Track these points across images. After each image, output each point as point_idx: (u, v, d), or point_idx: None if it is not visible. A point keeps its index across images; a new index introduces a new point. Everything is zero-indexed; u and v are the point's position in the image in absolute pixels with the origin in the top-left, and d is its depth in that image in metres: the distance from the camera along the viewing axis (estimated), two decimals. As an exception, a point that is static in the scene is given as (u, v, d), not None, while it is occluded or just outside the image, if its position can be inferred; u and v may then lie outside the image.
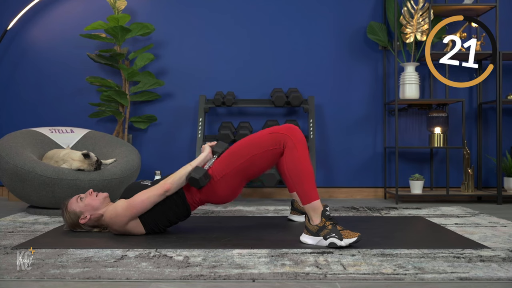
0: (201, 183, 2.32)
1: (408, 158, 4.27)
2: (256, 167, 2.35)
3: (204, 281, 1.67)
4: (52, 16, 4.28)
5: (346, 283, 1.66)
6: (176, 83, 4.27)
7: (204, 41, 4.28)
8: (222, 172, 2.35)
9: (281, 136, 2.30)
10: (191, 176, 2.32)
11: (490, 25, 4.00)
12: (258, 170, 2.37)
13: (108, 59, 3.96)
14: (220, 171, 2.36)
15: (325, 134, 4.27)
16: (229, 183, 2.37)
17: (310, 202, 2.20)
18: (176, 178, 2.34)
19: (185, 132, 4.27)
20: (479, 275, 1.71)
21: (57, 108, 4.27)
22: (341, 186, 4.27)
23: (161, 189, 2.32)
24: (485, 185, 4.24)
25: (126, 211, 2.32)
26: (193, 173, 2.32)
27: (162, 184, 2.34)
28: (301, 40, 4.27)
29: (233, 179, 2.36)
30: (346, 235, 2.13)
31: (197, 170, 2.33)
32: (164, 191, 2.32)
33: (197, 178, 2.30)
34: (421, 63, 4.11)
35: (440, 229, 2.65)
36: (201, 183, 2.32)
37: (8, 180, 3.14)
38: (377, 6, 4.27)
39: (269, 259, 1.95)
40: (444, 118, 3.99)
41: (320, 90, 4.25)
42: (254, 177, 2.42)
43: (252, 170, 2.36)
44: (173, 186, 2.33)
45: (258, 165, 2.34)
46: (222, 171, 2.36)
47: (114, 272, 1.75)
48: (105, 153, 3.53)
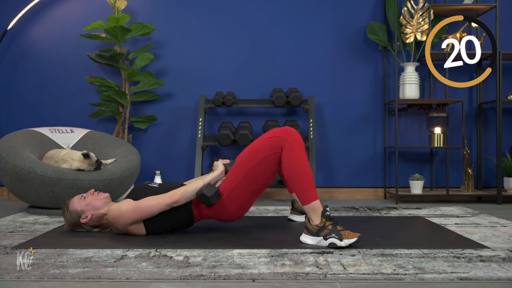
0: (212, 201, 2.30)
1: (408, 158, 4.27)
2: (261, 174, 2.33)
3: (204, 281, 1.67)
4: (52, 16, 4.28)
5: (346, 283, 1.66)
6: (176, 83, 4.27)
7: (204, 41, 4.28)
8: (229, 188, 2.34)
9: (279, 140, 2.29)
10: (202, 193, 2.29)
11: (490, 25, 4.00)
12: (264, 177, 2.35)
13: (108, 59, 3.96)
14: (227, 187, 2.35)
15: (325, 134, 4.27)
16: (237, 198, 2.36)
17: (310, 203, 2.20)
18: (187, 191, 2.33)
19: (185, 132, 4.27)
20: (479, 275, 1.71)
21: (57, 108, 4.27)
22: (341, 186, 4.27)
23: (169, 199, 2.31)
24: (485, 185, 4.24)
25: (132, 213, 2.32)
26: (204, 190, 2.29)
27: (171, 194, 2.33)
28: (301, 40, 4.27)
29: (240, 193, 2.35)
30: (346, 235, 2.13)
31: (209, 188, 2.30)
32: (172, 202, 2.31)
33: (208, 196, 2.28)
34: (421, 63, 4.11)
35: (440, 229, 2.65)
36: (212, 201, 2.30)
37: (8, 180, 3.14)
38: (377, 6, 4.27)
39: (269, 259, 1.94)
40: (444, 118, 3.99)
41: (320, 90, 4.25)
42: (262, 188, 2.39)
43: (258, 179, 2.34)
44: (182, 199, 2.32)
45: (263, 173, 2.33)
46: (229, 187, 2.34)
47: (114, 272, 1.75)
48: (105, 153, 3.53)
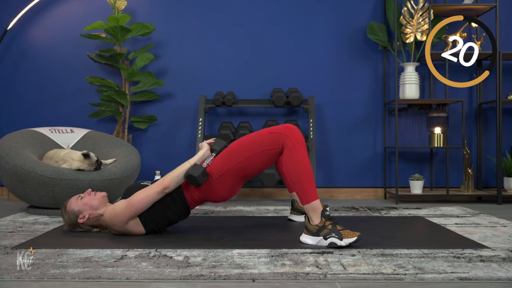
0: (199, 180, 2.31)
1: (408, 158, 4.27)
2: (254, 166, 2.35)
3: (204, 281, 1.67)
4: (52, 16, 4.28)
5: (346, 283, 1.66)
6: (176, 83, 4.27)
7: (204, 41, 4.28)
8: (220, 171, 2.35)
9: (281, 136, 2.30)
10: (189, 174, 2.31)
11: (490, 25, 4.00)
12: (256, 169, 2.37)
13: (108, 59, 3.96)
14: (218, 169, 2.36)
15: (325, 134, 4.27)
16: (227, 182, 2.37)
17: (310, 202, 2.20)
18: (174, 175, 2.34)
19: (185, 132, 4.27)
20: (479, 275, 1.71)
21: (57, 108, 4.27)
22: (341, 186, 4.27)
23: (159, 186, 2.32)
24: (485, 185, 4.24)
25: (126, 210, 2.32)
26: (191, 171, 2.31)
27: (160, 181, 2.34)
28: (301, 40, 4.27)
29: (231, 177, 2.36)
30: (346, 234, 2.13)
31: (195, 168, 2.32)
32: (162, 189, 2.32)
33: (195, 176, 2.29)
34: (421, 63, 4.11)
35: (440, 229, 2.65)
36: (199, 180, 2.31)
37: (8, 180, 3.14)
38: (377, 6, 4.27)
39: (269, 259, 1.94)
40: (444, 118, 3.99)
41: (320, 90, 4.25)
42: (252, 176, 2.41)
43: (250, 169, 2.35)
44: (171, 184, 2.33)
45: (256, 164, 2.34)
46: (220, 170, 2.35)
47: (114, 272, 1.75)
48: (105, 153, 3.53)
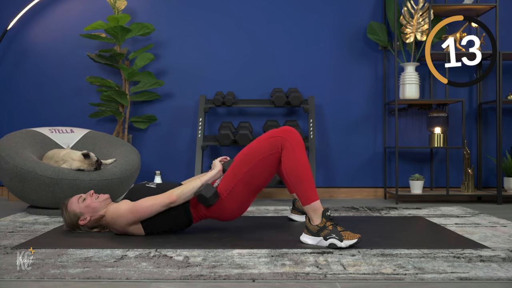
0: (211, 201, 2.28)
1: (408, 158, 4.27)
2: (259, 174, 2.32)
3: (204, 281, 1.67)
4: (52, 16, 4.28)
5: (346, 283, 1.66)
6: (176, 83, 4.27)
7: (204, 41, 4.28)
8: (228, 188, 2.33)
9: (279, 140, 2.28)
10: (201, 194, 2.26)
11: (490, 25, 4.00)
12: (262, 178, 2.34)
13: (108, 59, 3.96)
14: (226, 187, 2.33)
15: (325, 134, 4.27)
16: (236, 198, 2.35)
17: (310, 203, 2.20)
18: (184, 192, 2.32)
19: (185, 132, 4.27)
20: (479, 275, 1.71)
21: (57, 108, 4.26)
22: (341, 186, 4.27)
23: (167, 199, 2.30)
24: (485, 185, 4.23)
25: (129, 214, 2.31)
26: (203, 191, 2.26)
27: (168, 194, 2.31)
28: (301, 40, 4.27)
29: (239, 193, 2.34)
30: (347, 236, 2.12)
31: (207, 188, 2.27)
32: (169, 202, 2.30)
33: (207, 197, 2.26)
34: (421, 63, 4.11)
35: (440, 229, 2.65)
36: (211, 201, 2.28)
37: (8, 180, 3.14)
38: (377, 6, 4.27)
39: (269, 259, 1.94)
40: (444, 118, 3.99)
41: (320, 90, 4.25)
42: (261, 187, 2.37)
43: (256, 178, 2.33)
44: (179, 199, 2.31)
45: (261, 173, 2.32)
46: (228, 187, 2.33)
47: (114, 272, 1.75)
48: (105, 153, 3.53)
